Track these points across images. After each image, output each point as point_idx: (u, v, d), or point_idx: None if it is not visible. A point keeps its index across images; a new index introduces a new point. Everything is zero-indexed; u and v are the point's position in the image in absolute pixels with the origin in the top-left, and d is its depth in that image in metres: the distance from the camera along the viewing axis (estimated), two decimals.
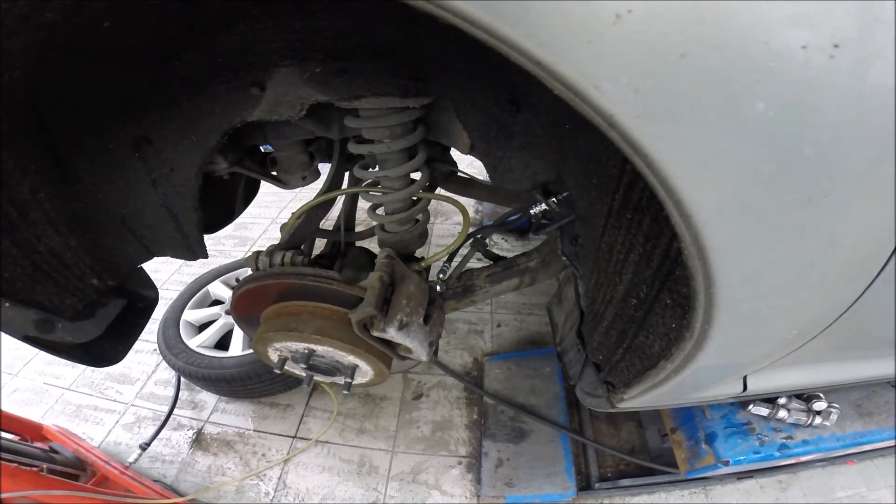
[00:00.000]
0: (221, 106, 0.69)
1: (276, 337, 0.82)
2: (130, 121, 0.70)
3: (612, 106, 0.30)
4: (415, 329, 0.75)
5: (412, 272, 0.83)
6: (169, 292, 2.19)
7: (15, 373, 2.04)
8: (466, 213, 0.92)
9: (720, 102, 0.30)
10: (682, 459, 1.25)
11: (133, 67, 0.64)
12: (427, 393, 1.82)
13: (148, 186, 0.77)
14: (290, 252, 0.86)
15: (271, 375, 1.65)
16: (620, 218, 0.59)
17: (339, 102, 0.66)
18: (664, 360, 0.58)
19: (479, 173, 1.11)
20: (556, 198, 0.82)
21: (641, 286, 0.59)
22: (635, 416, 1.60)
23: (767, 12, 0.27)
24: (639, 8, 0.27)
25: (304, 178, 0.98)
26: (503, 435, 1.58)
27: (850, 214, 0.38)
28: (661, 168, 0.33)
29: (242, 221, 1.16)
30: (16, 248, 0.63)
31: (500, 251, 2.13)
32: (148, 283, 0.96)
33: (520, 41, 0.28)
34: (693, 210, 0.35)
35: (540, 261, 1.01)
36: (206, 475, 1.61)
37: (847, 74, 0.29)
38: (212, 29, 0.64)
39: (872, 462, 1.50)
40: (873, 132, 0.32)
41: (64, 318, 0.72)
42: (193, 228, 0.85)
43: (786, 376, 0.81)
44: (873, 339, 0.72)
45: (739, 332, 0.50)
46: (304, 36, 0.65)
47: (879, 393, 1.26)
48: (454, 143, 0.84)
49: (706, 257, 0.39)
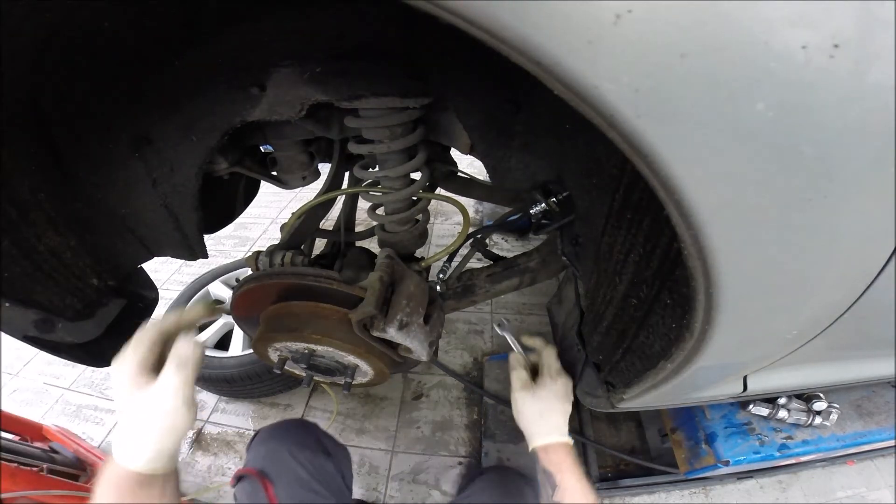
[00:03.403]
0: (221, 106, 0.69)
1: (276, 337, 0.82)
2: (130, 121, 0.70)
3: (613, 106, 0.30)
4: (415, 329, 0.75)
5: (412, 272, 0.83)
6: (169, 292, 2.19)
7: (15, 373, 2.04)
8: (466, 213, 0.92)
9: (720, 102, 0.30)
10: (682, 459, 1.25)
11: (133, 67, 0.64)
12: (427, 393, 1.82)
13: (148, 186, 0.77)
14: (290, 252, 0.86)
15: (271, 375, 1.65)
16: (621, 218, 0.59)
17: (339, 102, 0.66)
18: (664, 360, 0.58)
19: (479, 173, 1.11)
20: (556, 198, 0.82)
21: (641, 286, 0.59)
22: (635, 416, 1.60)
23: (767, 12, 0.27)
24: (639, 8, 0.27)
25: (304, 178, 0.98)
26: (503, 435, 1.58)
27: (850, 214, 0.38)
28: (661, 168, 0.33)
29: (242, 221, 1.16)
30: (16, 248, 0.63)
31: (500, 251, 2.13)
32: (148, 283, 0.96)
33: (520, 41, 0.28)
34: (693, 210, 0.35)
35: (540, 261, 1.01)
36: (206, 475, 1.61)
37: (847, 74, 0.29)
38: (212, 29, 0.64)
39: (872, 462, 1.50)
40: (873, 132, 0.32)
41: (64, 318, 0.72)
42: (193, 228, 0.85)
43: (786, 376, 0.81)
44: (873, 339, 0.72)
45: (739, 333, 0.50)
46: (305, 36, 0.65)
47: (879, 393, 1.26)
48: (454, 143, 0.84)
49: (706, 257, 0.39)
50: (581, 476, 0.79)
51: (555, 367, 0.90)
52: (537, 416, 0.85)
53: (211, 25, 0.64)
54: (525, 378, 0.91)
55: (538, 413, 0.85)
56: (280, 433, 1.04)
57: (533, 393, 0.87)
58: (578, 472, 0.79)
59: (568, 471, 0.79)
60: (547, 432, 0.83)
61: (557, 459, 0.80)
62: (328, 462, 1.01)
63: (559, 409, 0.85)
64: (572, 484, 0.78)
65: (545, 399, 0.86)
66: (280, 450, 0.98)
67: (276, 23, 0.64)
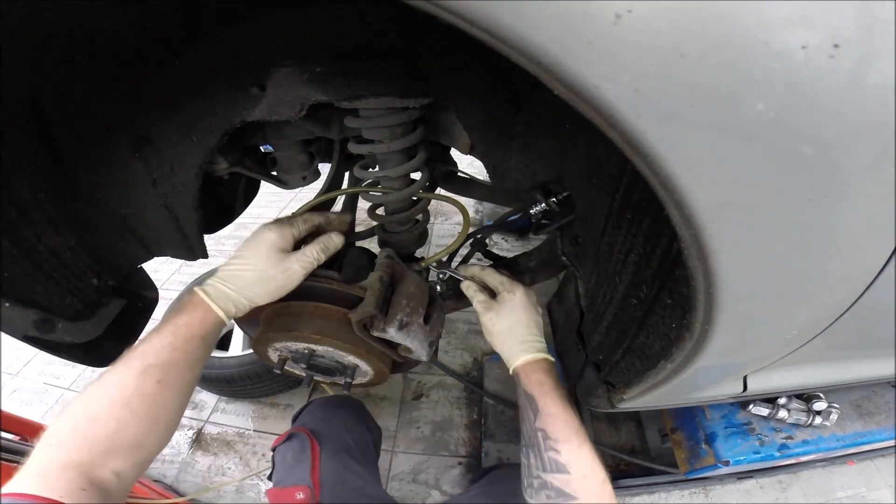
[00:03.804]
0: (221, 106, 0.69)
1: (277, 337, 0.82)
2: (130, 121, 0.70)
3: (613, 106, 0.30)
4: (415, 329, 0.75)
5: (412, 272, 0.83)
6: (169, 292, 2.19)
7: (15, 373, 2.04)
8: (466, 213, 0.92)
9: (720, 102, 0.30)
10: (682, 459, 1.25)
11: (133, 67, 0.64)
12: (427, 393, 1.82)
13: (148, 186, 0.77)
14: None
15: (271, 375, 1.65)
16: (621, 218, 0.59)
17: (339, 102, 0.66)
18: (664, 360, 0.58)
19: (479, 173, 1.11)
20: (556, 198, 0.82)
21: (641, 286, 0.59)
22: (635, 416, 1.60)
23: (767, 12, 0.27)
24: (639, 8, 0.27)
25: (304, 178, 0.98)
26: (503, 435, 1.58)
27: (850, 214, 0.38)
28: (661, 168, 0.33)
29: (242, 221, 1.16)
30: (16, 248, 0.63)
31: (500, 251, 2.13)
32: (148, 283, 0.96)
33: (520, 41, 0.28)
34: (693, 210, 0.35)
35: (540, 261, 1.01)
36: (206, 475, 1.61)
37: (847, 74, 0.29)
38: (212, 29, 0.64)
39: (872, 462, 1.50)
40: (873, 132, 0.32)
41: (64, 318, 0.72)
42: (193, 228, 0.85)
43: (786, 376, 0.81)
44: (873, 339, 0.72)
45: (739, 333, 0.50)
46: (305, 36, 0.65)
47: (879, 393, 1.26)
48: (454, 143, 0.84)
49: (706, 257, 0.39)
50: (561, 398, 0.74)
51: (506, 281, 0.85)
52: (506, 335, 0.81)
53: (211, 25, 0.64)
54: (484, 299, 0.86)
55: (507, 330, 0.81)
56: (337, 403, 1.21)
57: (496, 312, 0.82)
58: (558, 393, 0.75)
59: (549, 394, 0.74)
60: (521, 350, 0.79)
61: (537, 380, 0.76)
62: (368, 435, 1.18)
63: (525, 321, 0.81)
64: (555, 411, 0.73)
65: (508, 314, 0.81)
66: (335, 417, 1.14)
67: (276, 23, 0.64)
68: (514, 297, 0.82)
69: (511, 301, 0.82)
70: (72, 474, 0.50)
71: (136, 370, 0.59)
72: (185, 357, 0.63)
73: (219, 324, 0.69)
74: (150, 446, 0.60)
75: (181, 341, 0.63)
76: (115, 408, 0.57)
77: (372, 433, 1.21)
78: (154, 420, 0.60)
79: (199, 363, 0.67)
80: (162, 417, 0.61)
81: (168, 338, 0.63)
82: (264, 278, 0.70)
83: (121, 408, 0.57)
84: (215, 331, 0.69)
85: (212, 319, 0.67)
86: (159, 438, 0.62)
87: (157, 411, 0.60)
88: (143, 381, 0.59)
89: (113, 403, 0.57)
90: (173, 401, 0.62)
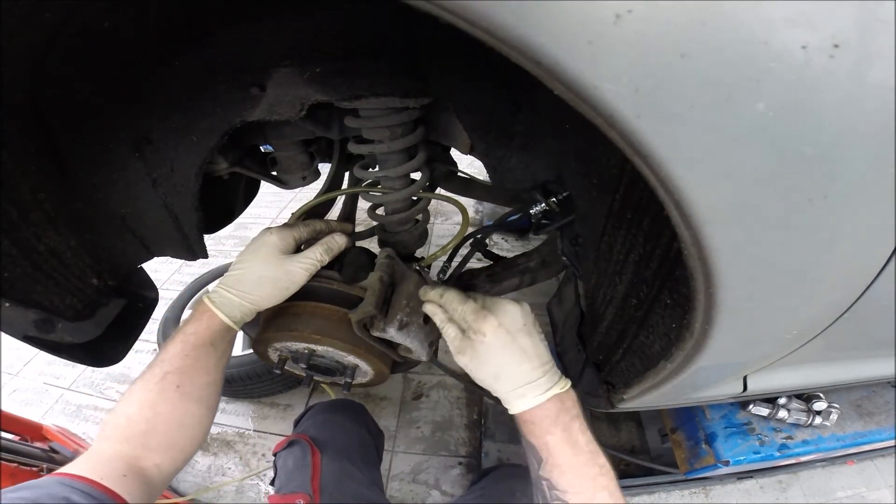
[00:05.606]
0: (221, 106, 0.69)
1: (277, 337, 0.82)
2: (130, 121, 0.70)
3: (613, 106, 0.30)
4: (415, 329, 0.75)
5: (412, 272, 0.83)
6: (169, 292, 2.19)
7: (15, 373, 2.04)
8: (466, 213, 0.92)
9: (720, 102, 0.30)
10: (682, 459, 1.26)
11: (133, 67, 0.64)
12: (427, 393, 1.82)
13: (148, 186, 0.77)
14: None
15: (271, 375, 1.65)
16: (620, 218, 0.59)
17: (339, 102, 0.66)
18: (664, 360, 0.58)
19: (479, 173, 1.11)
20: (556, 198, 0.82)
21: (641, 286, 0.59)
22: (635, 416, 1.60)
23: (767, 12, 0.27)
24: (639, 8, 0.27)
25: (304, 178, 0.98)
26: (503, 435, 1.58)
27: (850, 214, 0.38)
28: (661, 168, 0.33)
29: (242, 221, 1.16)
30: (16, 248, 0.63)
31: (500, 251, 2.13)
32: (148, 283, 0.96)
33: (520, 41, 0.28)
34: (693, 210, 0.35)
35: (540, 261, 1.00)
36: (206, 475, 1.61)
37: (847, 74, 0.29)
38: (212, 29, 0.64)
39: (872, 462, 1.50)
40: (873, 132, 0.32)
41: (64, 318, 0.72)
42: (193, 228, 0.85)
43: (786, 376, 0.81)
44: (873, 339, 0.72)
45: (739, 333, 0.50)
46: (305, 36, 0.65)
47: (879, 393, 1.26)
48: (454, 143, 0.84)
49: (706, 257, 0.39)
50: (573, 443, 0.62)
51: (470, 315, 0.66)
52: (493, 381, 0.66)
53: (211, 25, 0.64)
54: (455, 335, 0.68)
55: (492, 377, 0.66)
56: (338, 408, 1.20)
57: (470, 357, 0.66)
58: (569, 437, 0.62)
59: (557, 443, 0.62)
60: (517, 396, 0.64)
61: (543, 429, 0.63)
62: (370, 439, 1.17)
63: (514, 360, 0.64)
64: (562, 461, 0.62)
65: (487, 359, 0.64)
66: (336, 421, 1.13)
67: (276, 23, 0.64)
68: (486, 340, 0.64)
69: (483, 344, 0.64)
70: (116, 463, 0.57)
71: (157, 376, 0.64)
72: (196, 363, 0.67)
73: (225, 329, 0.70)
74: (182, 447, 0.65)
75: (191, 348, 0.67)
76: (144, 409, 0.63)
77: (373, 437, 1.20)
78: (179, 423, 0.64)
79: (214, 369, 0.69)
80: (187, 422, 0.65)
81: (179, 346, 0.67)
82: (267, 280, 0.71)
83: (148, 409, 0.63)
84: (223, 336, 0.71)
85: (217, 325, 0.69)
86: (189, 441, 0.66)
87: (182, 415, 0.65)
88: (164, 386, 0.64)
89: (143, 405, 0.63)
90: (194, 405, 0.66)
